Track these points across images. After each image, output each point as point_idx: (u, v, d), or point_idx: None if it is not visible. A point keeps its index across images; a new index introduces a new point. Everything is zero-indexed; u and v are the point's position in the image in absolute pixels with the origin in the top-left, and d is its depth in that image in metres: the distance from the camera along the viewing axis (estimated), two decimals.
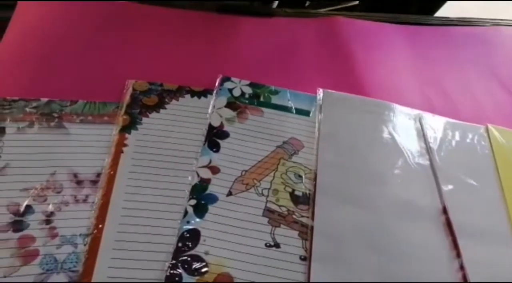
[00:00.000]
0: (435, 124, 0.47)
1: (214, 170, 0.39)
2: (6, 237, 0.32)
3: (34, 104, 0.40)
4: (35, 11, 0.49)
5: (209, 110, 0.44)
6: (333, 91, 0.48)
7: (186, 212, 0.36)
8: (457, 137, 0.46)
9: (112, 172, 0.37)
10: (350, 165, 0.41)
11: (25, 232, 0.33)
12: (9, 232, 0.33)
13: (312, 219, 0.37)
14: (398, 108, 0.48)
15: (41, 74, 0.44)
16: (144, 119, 0.41)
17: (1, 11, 0.50)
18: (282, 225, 0.37)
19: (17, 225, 0.33)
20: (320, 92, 0.47)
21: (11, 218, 0.33)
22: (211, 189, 0.38)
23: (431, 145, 0.45)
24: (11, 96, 0.41)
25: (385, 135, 0.45)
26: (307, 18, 0.56)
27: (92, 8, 0.50)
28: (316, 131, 0.44)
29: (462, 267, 0.36)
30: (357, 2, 0.95)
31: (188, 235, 0.35)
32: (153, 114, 0.42)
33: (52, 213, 0.34)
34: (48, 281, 0.31)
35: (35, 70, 0.44)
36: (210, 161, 0.40)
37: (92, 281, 0.31)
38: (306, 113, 0.45)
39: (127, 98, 0.43)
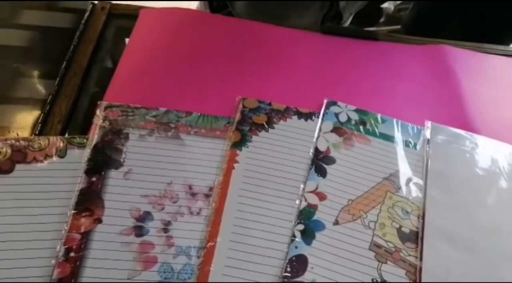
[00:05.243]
0: None
1: (321, 196, 0.39)
2: (129, 241, 0.34)
3: (154, 112, 0.43)
4: (156, 21, 0.52)
5: (315, 134, 0.44)
6: (441, 125, 0.46)
7: (294, 237, 0.36)
8: None
9: (224, 188, 0.38)
10: (461, 207, 0.40)
11: (145, 238, 0.35)
12: (132, 236, 0.35)
13: (421, 259, 0.36)
14: None
15: (159, 84, 0.46)
16: (254, 137, 0.42)
17: (123, 20, 0.53)
18: (389, 262, 0.36)
19: (138, 230, 0.35)
20: (428, 125, 0.46)
21: (133, 223, 0.35)
22: (318, 215, 0.38)
23: None
24: (133, 103, 0.43)
25: (498, 179, 0.42)
26: (412, 45, 0.55)
27: (207, 22, 0.52)
28: (424, 166, 0.43)
29: None
30: (399, 27, 0.93)
31: (296, 260, 0.35)
32: (263, 133, 0.43)
33: (169, 222, 0.36)
34: None
35: (153, 79, 0.46)
36: (317, 187, 0.40)
37: None
38: (413, 145, 0.44)
39: (237, 115, 0.44)
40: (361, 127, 0.45)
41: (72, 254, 0.33)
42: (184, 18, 0.52)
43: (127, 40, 0.52)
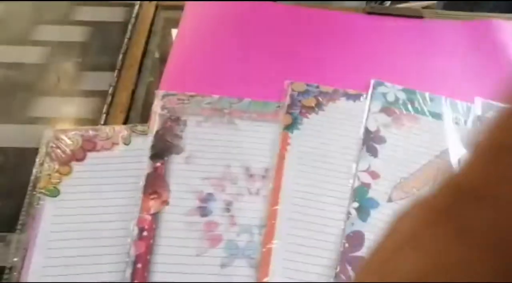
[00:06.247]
0: None
1: (374, 175, 0.40)
2: (194, 220, 0.37)
3: (208, 100, 0.44)
4: (201, 12, 0.53)
5: (365, 115, 0.45)
6: (492, 101, 0.46)
7: (349, 214, 0.38)
8: None
9: (279, 169, 0.40)
10: None
11: (210, 217, 0.37)
12: (197, 216, 0.37)
13: None
14: None
15: (209, 72, 0.48)
16: (305, 120, 0.44)
17: (170, 11, 0.55)
18: None
19: (203, 210, 0.37)
20: (478, 102, 0.46)
21: (197, 204, 0.38)
22: (371, 194, 0.39)
23: None
24: (187, 91, 0.45)
25: None
26: (459, 21, 0.54)
27: (251, 10, 0.53)
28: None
29: None
30: (435, 2, 0.90)
31: (353, 236, 0.36)
32: (313, 115, 0.44)
33: (230, 203, 0.38)
34: (232, 264, 0.35)
35: (203, 68, 0.48)
36: (369, 166, 0.41)
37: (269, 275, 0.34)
38: (464, 122, 0.44)
39: (287, 98, 0.45)
40: (409, 106, 0.45)
41: (145, 233, 0.36)
42: (229, 8, 0.53)
43: (173, 31, 0.54)
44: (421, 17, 0.55)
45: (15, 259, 0.33)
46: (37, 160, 0.38)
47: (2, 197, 0.37)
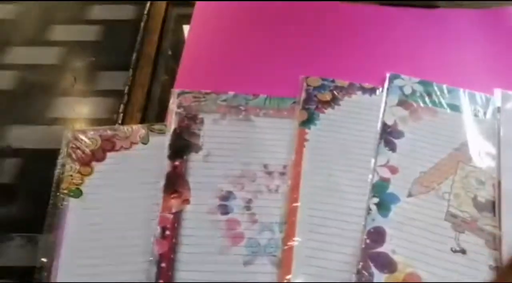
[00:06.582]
0: None
1: (393, 169, 0.40)
2: (215, 219, 0.37)
3: (224, 97, 0.44)
4: (213, 10, 0.53)
5: (381, 108, 0.44)
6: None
7: (369, 210, 0.38)
8: None
9: (297, 166, 0.40)
10: None
11: (231, 215, 0.37)
12: (218, 215, 0.37)
13: (500, 229, 0.36)
14: None
15: (223, 69, 0.48)
16: (321, 115, 0.43)
17: (181, 8, 0.54)
18: (466, 231, 0.37)
19: (223, 208, 0.38)
20: (498, 93, 0.45)
21: (218, 202, 0.38)
22: (391, 189, 0.39)
23: None
24: (203, 89, 0.45)
25: None
26: (475, 9, 0.53)
27: (264, 5, 0.53)
28: (496, 134, 0.42)
29: None
30: None
31: (374, 232, 0.36)
32: (329, 110, 0.44)
33: (250, 200, 0.38)
34: (255, 262, 0.35)
35: (217, 65, 0.48)
36: (388, 161, 0.40)
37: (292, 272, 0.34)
38: (483, 114, 0.44)
39: (302, 94, 0.45)
40: (426, 99, 0.45)
41: (167, 232, 0.36)
42: (240, 4, 0.53)
43: (185, 27, 0.53)
44: (436, 6, 0.54)
45: (44, 260, 0.34)
46: (58, 161, 0.38)
47: (28, 198, 0.37)
